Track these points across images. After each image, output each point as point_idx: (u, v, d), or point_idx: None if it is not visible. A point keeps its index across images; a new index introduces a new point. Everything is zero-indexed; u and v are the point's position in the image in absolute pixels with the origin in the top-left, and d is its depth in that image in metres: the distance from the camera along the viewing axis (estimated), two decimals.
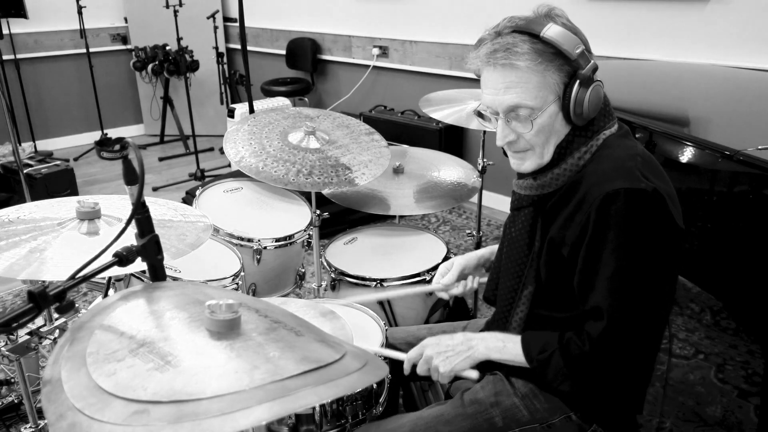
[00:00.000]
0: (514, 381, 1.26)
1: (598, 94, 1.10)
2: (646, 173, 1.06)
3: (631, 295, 1.06)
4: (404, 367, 1.27)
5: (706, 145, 1.52)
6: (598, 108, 1.11)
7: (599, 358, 1.09)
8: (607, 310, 1.06)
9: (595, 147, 1.13)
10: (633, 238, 1.04)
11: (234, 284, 1.79)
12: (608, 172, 1.07)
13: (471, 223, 3.76)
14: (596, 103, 1.10)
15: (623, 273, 1.05)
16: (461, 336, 1.23)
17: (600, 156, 1.12)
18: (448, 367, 1.19)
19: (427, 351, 1.23)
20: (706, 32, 2.96)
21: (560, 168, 1.15)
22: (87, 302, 2.75)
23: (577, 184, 1.11)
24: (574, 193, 1.11)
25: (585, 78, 1.08)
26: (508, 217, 1.30)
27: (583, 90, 1.07)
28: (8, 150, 4.09)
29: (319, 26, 4.90)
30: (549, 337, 1.14)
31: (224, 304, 0.76)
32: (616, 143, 1.14)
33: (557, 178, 1.15)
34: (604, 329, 1.06)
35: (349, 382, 0.72)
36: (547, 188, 1.17)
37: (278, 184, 1.80)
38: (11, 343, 1.54)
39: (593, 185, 1.07)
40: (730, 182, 1.46)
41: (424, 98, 2.36)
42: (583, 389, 1.15)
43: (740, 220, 1.44)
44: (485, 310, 2.71)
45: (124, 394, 0.65)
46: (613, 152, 1.12)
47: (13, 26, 4.79)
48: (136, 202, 0.89)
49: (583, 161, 1.13)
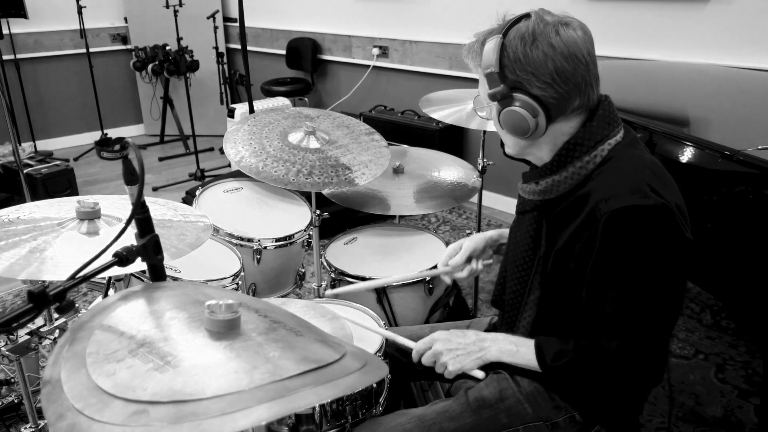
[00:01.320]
0: (519, 380, 1.26)
1: (510, 118, 1.12)
2: (655, 186, 1.06)
3: (643, 312, 1.06)
4: (413, 356, 1.27)
5: (706, 145, 1.52)
6: (520, 130, 1.12)
7: (616, 373, 1.10)
8: (621, 326, 1.06)
9: (600, 157, 1.12)
10: (642, 256, 1.04)
11: (234, 284, 1.79)
12: (616, 188, 1.06)
13: (471, 223, 3.76)
14: (511, 125, 1.13)
15: (634, 290, 1.05)
16: (473, 335, 1.22)
17: (608, 169, 1.11)
18: (458, 365, 1.19)
19: (436, 345, 1.22)
20: (706, 32, 2.96)
21: (560, 175, 1.14)
22: (87, 302, 2.75)
23: (585, 197, 1.10)
24: (582, 207, 1.10)
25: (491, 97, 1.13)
26: (514, 221, 1.30)
27: (499, 109, 1.13)
28: (8, 150, 4.09)
29: (319, 26, 4.90)
30: (563, 345, 1.14)
31: (224, 304, 0.76)
32: (624, 153, 1.12)
33: (558, 185, 1.15)
34: (619, 345, 1.06)
35: (349, 382, 0.72)
36: (549, 194, 1.16)
37: (278, 184, 1.80)
38: (11, 343, 1.54)
39: (601, 201, 1.06)
40: (730, 182, 1.46)
41: (424, 98, 2.36)
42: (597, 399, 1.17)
43: (740, 221, 1.44)
44: (485, 310, 2.71)
45: (123, 395, 0.65)
46: (621, 165, 1.10)
47: (13, 26, 4.79)
48: (136, 202, 0.89)
49: (587, 171, 1.12)
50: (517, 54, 1.08)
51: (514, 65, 1.09)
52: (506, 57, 1.09)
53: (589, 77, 1.10)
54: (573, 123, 1.13)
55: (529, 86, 1.09)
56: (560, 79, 1.07)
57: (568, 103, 1.10)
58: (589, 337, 1.11)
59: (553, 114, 1.10)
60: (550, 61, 1.06)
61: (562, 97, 1.09)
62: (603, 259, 1.06)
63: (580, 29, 1.09)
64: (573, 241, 1.11)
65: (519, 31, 1.08)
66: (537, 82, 1.08)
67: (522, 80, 1.09)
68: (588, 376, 1.12)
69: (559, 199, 1.16)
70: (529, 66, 1.07)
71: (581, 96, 1.10)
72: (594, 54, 1.11)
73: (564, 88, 1.08)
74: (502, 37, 1.09)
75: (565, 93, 1.09)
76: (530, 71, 1.08)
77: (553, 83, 1.08)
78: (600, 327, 1.09)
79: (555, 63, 1.06)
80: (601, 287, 1.07)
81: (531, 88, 1.09)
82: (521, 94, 1.09)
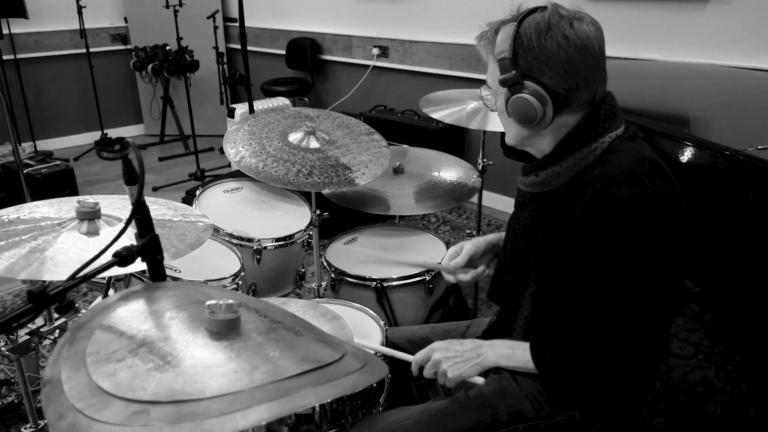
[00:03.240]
0: (519, 379, 1.27)
1: (518, 105, 1.13)
2: (654, 177, 1.07)
3: (639, 303, 1.06)
4: (412, 369, 1.28)
5: (706, 145, 1.52)
6: (527, 118, 1.13)
7: (608, 366, 1.10)
8: (615, 318, 1.06)
9: (600, 150, 1.13)
10: (640, 245, 1.04)
11: (234, 284, 1.79)
12: (615, 178, 1.07)
13: (471, 223, 3.76)
14: (517, 113, 1.14)
15: (631, 280, 1.05)
16: (471, 343, 1.24)
17: (607, 161, 1.12)
18: (457, 373, 1.20)
19: (435, 355, 1.23)
20: (706, 32, 2.96)
21: (560, 166, 1.15)
22: (87, 302, 2.75)
23: (584, 188, 1.11)
24: (580, 198, 1.11)
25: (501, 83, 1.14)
26: (512, 215, 1.31)
27: (507, 96, 1.14)
28: (8, 150, 4.09)
29: (319, 26, 4.90)
30: (558, 345, 1.15)
31: (224, 304, 0.76)
32: (623, 147, 1.13)
33: (557, 175, 1.16)
34: (612, 338, 1.07)
35: (349, 382, 0.72)
36: (548, 186, 1.17)
37: (278, 184, 1.80)
38: (11, 343, 1.54)
39: (599, 191, 1.07)
40: (730, 182, 1.46)
41: (424, 98, 2.36)
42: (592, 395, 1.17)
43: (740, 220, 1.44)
44: (485, 309, 2.71)
45: (123, 395, 0.65)
46: (620, 157, 1.11)
47: (13, 26, 4.79)
48: (136, 202, 0.89)
49: (586, 162, 1.13)
50: (531, 42, 1.09)
51: (527, 53, 1.10)
52: (520, 44, 1.10)
53: (598, 72, 1.12)
54: (577, 116, 1.14)
55: (539, 75, 1.10)
56: (571, 71, 1.09)
57: (575, 95, 1.11)
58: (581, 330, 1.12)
59: (560, 105, 1.12)
60: (562, 52, 1.08)
61: (571, 89, 1.10)
62: (601, 249, 1.06)
63: (593, 25, 1.12)
64: (571, 232, 1.12)
65: (534, 20, 1.10)
66: (548, 72, 1.09)
67: (533, 68, 1.10)
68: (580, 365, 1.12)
69: (559, 191, 1.17)
70: (542, 55, 1.09)
71: (588, 90, 1.12)
72: (604, 50, 1.12)
73: (573, 80, 1.10)
74: (517, 26, 1.11)
75: (574, 85, 1.10)
76: (542, 60, 1.09)
77: (564, 74, 1.09)
78: (594, 319, 1.09)
79: (567, 54, 1.08)
80: (597, 279, 1.08)
81: (541, 77, 1.10)
82: (531, 83, 1.11)
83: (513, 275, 1.27)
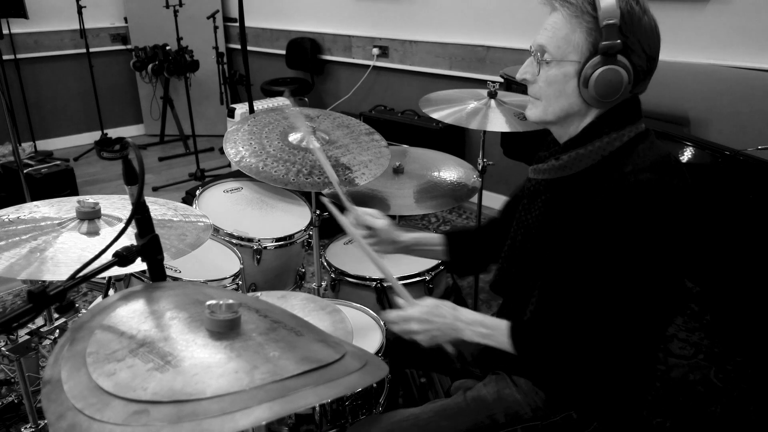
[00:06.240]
0: (516, 379, 1.26)
1: (608, 77, 1.06)
2: (679, 172, 1.08)
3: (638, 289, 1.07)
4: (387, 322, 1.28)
5: (706, 145, 1.52)
6: (607, 92, 1.08)
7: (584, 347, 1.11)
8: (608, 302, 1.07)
9: (628, 138, 1.12)
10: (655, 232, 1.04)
11: (234, 284, 1.79)
12: (646, 165, 1.07)
13: (471, 223, 3.76)
14: (603, 84, 1.07)
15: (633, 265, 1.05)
16: (451, 316, 1.21)
17: (632, 150, 1.11)
18: (428, 341, 1.22)
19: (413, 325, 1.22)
20: (706, 32, 2.96)
21: (585, 149, 1.13)
22: (87, 302, 2.75)
23: (600, 178, 1.10)
24: (596, 186, 1.10)
25: (603, 50, 1.06)
26: (522, 206, 1.26)
27: (598, 64, 1.07)
28: (8, 150, 4.09)
29: (319, 26, 4.90)
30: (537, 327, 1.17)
31: (224, 304, 0.76)
32: (648, 140, 1.14)
33: (581, 158, 1.13)
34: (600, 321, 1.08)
35: (349, 382, 0.72)
36: (568, 170, 1.15)
37: (278, 184, 1.80)
38: (11, 343, 1.54)
39: (629, 174, 1.07)
40: (730, 182, 1.46)
41: (424, 98, 2.36)
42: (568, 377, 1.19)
43: (740, 220, 1.44)
44: (485, 310, 2.71)
45: (124, 394, 0.65)
46: (645, 148, 1.11)
47: (13, 26, 4.79)
48: (136, 202, 0.89)
49: (609, 150, 1.11)
50: (634, 15, 1.06)
51: (631, 26, 1.07)
52: (626, 14, 1.06)
53: None
54: None
55: (632, 50, 1.07)
56: (653, 55, 1.09)
57: (644, 83, 1.11)
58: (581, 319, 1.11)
59: (635, 87, 1.10)
60: (654, 35, 1.08)
61: (644, 74, 1.10)
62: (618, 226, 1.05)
63: None
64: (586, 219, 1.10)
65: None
66: (640, 50, 1.07)
67: (632, 43, 1.07)
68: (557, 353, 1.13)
69: (579, 176, 1.14)
70: (640, 31, 1.07)
71: (647, 81, 1.11)
72: None
73: (649, 66, 1.09)
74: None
75: (648, 71, 1.09)
76: (639, 36, 1.07)
77: (648, 57, 1.08)
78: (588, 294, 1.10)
79: (656, 38, 1.09)
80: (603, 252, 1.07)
81: (632, 53, 1.07)
82: (624, 58, 1.07)
83: (520, 267, 1.25)
